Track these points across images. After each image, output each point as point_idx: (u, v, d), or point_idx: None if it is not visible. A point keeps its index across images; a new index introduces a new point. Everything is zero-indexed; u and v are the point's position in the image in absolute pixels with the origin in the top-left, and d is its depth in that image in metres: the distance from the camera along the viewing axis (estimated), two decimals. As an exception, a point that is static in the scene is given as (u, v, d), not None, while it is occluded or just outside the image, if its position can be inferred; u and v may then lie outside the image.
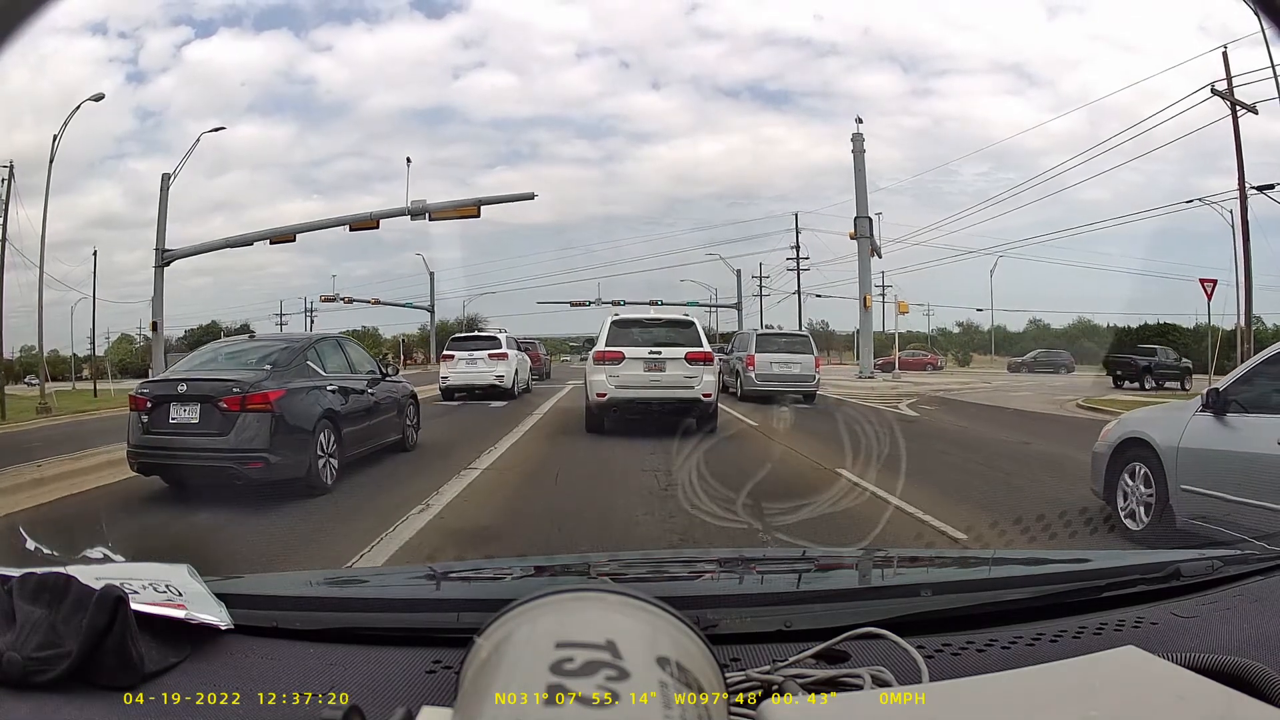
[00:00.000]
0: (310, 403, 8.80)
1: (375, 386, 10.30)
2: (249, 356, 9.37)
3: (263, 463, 8.06)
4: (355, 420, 9.46)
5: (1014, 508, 7.36)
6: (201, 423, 8.20)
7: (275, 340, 10.89)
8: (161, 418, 8.32)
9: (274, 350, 9.47)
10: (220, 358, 9.51)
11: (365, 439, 9.68)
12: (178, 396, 8.36)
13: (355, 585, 1.99)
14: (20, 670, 1.11)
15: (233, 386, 8.32)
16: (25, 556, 1.50)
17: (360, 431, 9.55)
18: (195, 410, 8.24)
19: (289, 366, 9.06)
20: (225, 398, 8.20)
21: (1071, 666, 0.99)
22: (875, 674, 1.13)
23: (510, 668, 0.77)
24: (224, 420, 8.16)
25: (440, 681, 1.24)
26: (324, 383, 9.27)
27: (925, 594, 1.63)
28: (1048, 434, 13.98)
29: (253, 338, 11.00)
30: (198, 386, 8.41)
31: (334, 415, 9.01)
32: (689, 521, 6.33)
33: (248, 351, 9.60)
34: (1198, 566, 1.70)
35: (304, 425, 8.52)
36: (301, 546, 6.40)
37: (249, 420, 8.14)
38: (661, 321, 13.50)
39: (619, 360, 12.67)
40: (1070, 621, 1.49)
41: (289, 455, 8.25)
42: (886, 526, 6.31)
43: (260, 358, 9.23)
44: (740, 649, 1.32)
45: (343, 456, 9.05)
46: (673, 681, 0.76)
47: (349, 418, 9.31)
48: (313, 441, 8.53)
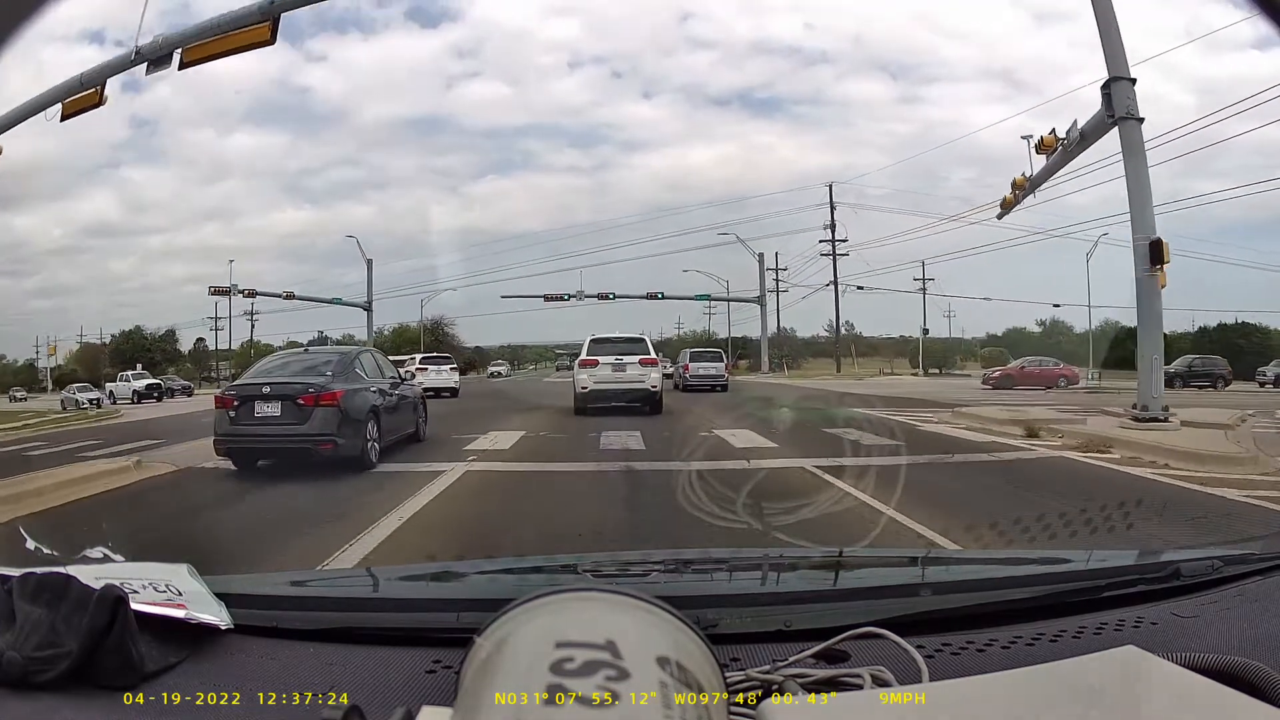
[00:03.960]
0: (361, 400, 11.35)
1: (397, 389, 12.71)
2: (311, 363, 12.07)
3: (332, 444, 10.62)
4: (389, 414, 11.88)
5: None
6: (283, 415, 10.82)
7: (329, 352, 14.37)
8: (248, 413, 10.90)
9: (331, 359, 12.32)
10: (289, 366, 12.16)
11: (395, 429, 12.12)
12: (261, 396, 10.97)
13: (355, 585, 1.99)
14: (20, 670, 1.11)
15: (308, 387, 10.94)
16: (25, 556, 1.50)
17: (392, 423, 12.00)
18: (278, 406, 10.87)
19: (344, 372, 11.68)
20: (303, 396, 10.85)
21: (1071, 666, 0.99)
22: (875, 674, 1.13)
23: (510, 667, 0.77)
24: (301, 413, 10.78)
25: (440, 681, 1.24)
26: (368, 385, 11.82)
27: (925, 594, 1.63)
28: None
29: (307, 351, 14.06)
30: (278, 388, 11.06)
31: (376, 410, 11.49)
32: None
33: (308, 360, 12.36)
34: (1198, 566, 1.69)
35: (359, 417, 11.10)
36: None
37: (322, 413, 10.75)
38: (624, 339, 19.17)
39: (595, 365, 18.32)
40: (1070, 621, 1.49)
41: (350, 439, 10.82)
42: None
43: (322, 364, 11.92)
44: (740, 649, 1.32)
45: (381, 442, 11.41)
46: (673, 681, 0.76)
47: (385, 412, 11.72)
48: (365, 429, 11.11)
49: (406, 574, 2.20)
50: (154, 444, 13.81)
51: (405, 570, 2.36)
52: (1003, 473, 10.08)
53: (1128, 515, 6.72)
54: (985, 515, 7.36)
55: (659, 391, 18.35)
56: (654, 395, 18.13)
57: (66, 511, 8.61)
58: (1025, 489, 8.90)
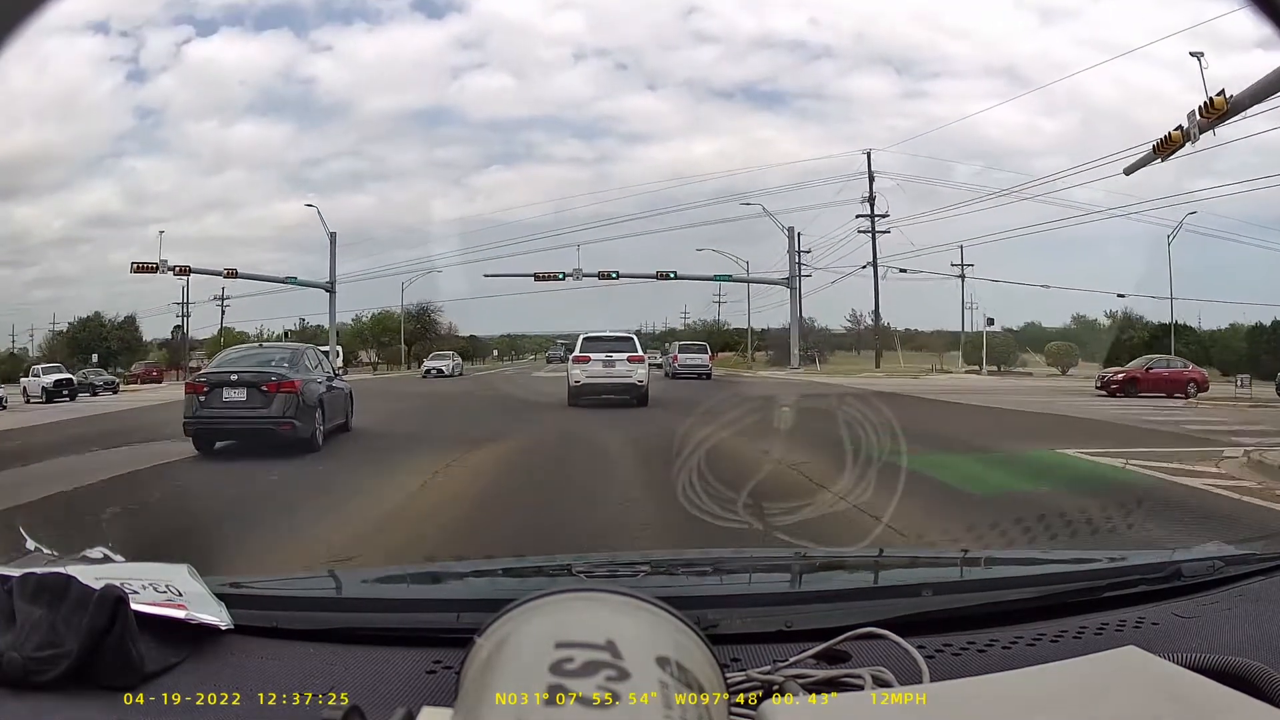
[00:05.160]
0: (313, 389, 12.78)
1: (333, 382, 14.12)
2: (269, 357, 13.54)
3: (291, 426, 11.98)
4: (330, 404, 13.28)
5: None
6: (248, 400, 12.18)
7: (280, 347, 16.06)
8: (216, 398, 12.25)
9: (284, 353, 13.82)
10: (248, 358, 13.70)
11: (333, 418, 13.49)
12: (229, 383, 12.32)
13: (355, 585, 1.99)
14: (20, 670, 1.11)
15: (272, 376, 12.37)
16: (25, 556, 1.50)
17: (332, 412, 13.40)
18: (244, 392, 12.21)
19: (296, 364, 13.06)
20: (267, 383, 12.22)
21: (1072, 667, 0.99)
22: (876, 674, 1.12)
23: (510, 668, 0.77)
24: (265, 398, 12.16)
25: (441, 682, 1.24)
26: (315, 377, 13.22)
27: (926, 594, 1.62)
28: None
29: (261, 346, 16.07)
30: (244, 376, 12.45)
31: (321, 399, 12.92)
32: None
33: (265, 354, 14.06)
34: (1199, 567, 1.69)
35: (312, 404, 12.56)
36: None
37: (282, 399, 12.14)
38: (614, 338, 20.43)
39: (587, 361, 19.58)
40: (1071, 621, 1.49)
41: (305, 423, 12.23)
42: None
43: (278, 357, 13.40)
44: (741, 649, 1.32)
45: (324, 428, 12.82)
46: (673, 682, 0.76)
47: (327, 402, 13.15)
48: (315, 415, 12.52)
49: (406, 574, 2.20)
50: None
51: (405, 570, 2.36)
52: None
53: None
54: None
55: (645, 386, 19.73)
56: (640, 389, 19.55)
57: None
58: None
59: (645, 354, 20.99)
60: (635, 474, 9.71)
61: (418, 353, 34.38)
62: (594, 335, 20.73)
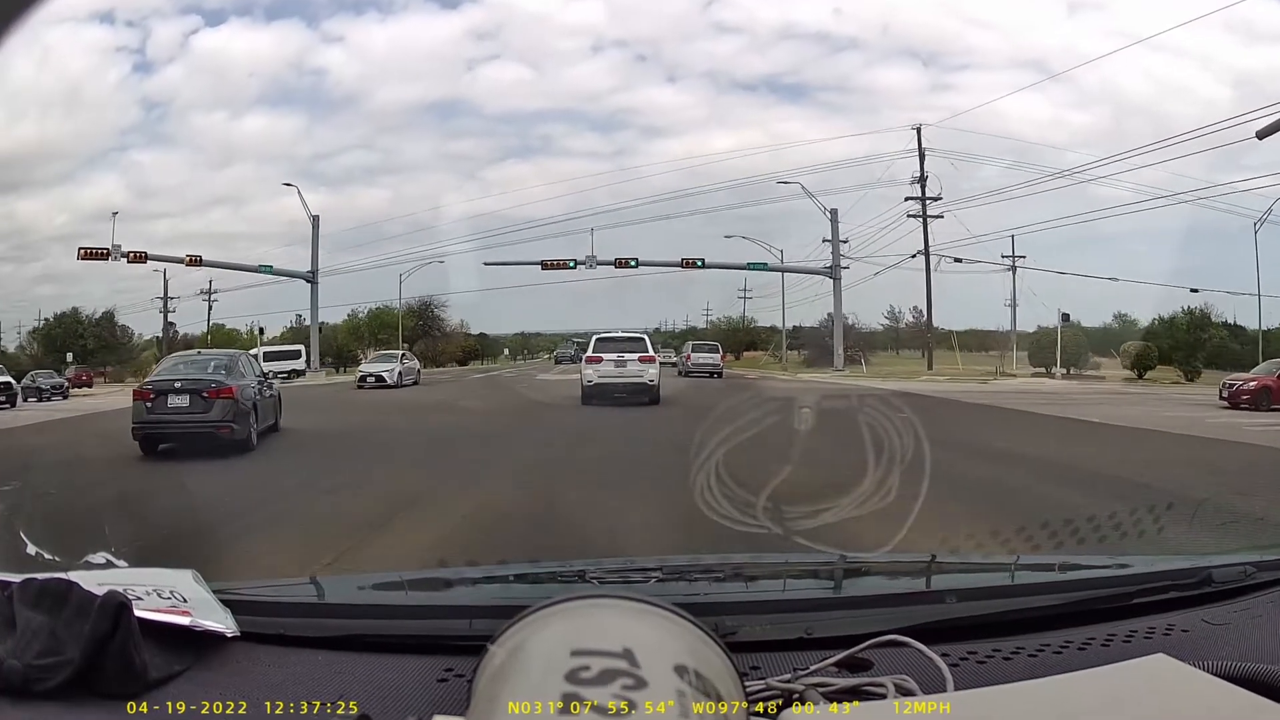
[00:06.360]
0: (248, 394, 13.80)
1: (263, 386, 15.09)
2: (207, 364, 14.58)
3: (229, 429, 12.89)
4: (262, 407, 14.29)
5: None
6: (190, 406, 13.07)
7: (217, 354, 16.88)
8: (162, 404, 13.11)
9: (221, 360, 14.94)
10: (186, 364, 14.72)
11: (265, 419, 14.52)
12: (174, 390, 13.20)
13: (364, 591, 1.98)
14: (21, 678, 1.09)
15: (211, 383, 13.34)
16: (26, 562, 1.48)
17: (264, 415, 14.41)
18: (186, 398, 13.11)
19: (232, 371, 14.19)
20: (207, 390, 13.17)
21: (1100, 675, 0.98)
22: (899, 683, 1.11)
23: (524, 676, 0.76)
24: (206, 404, 13.07)
25: (452, 690, 1.23)
26: (249, 382, 14.23)
27: (950, 600, 1.61)
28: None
29: (200, 354, 16.88)
30: (187, 383, 13.42)
31: (256, 402, 13.92)
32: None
33: (204, 361, 15.02)
34: (1230, 572, 1.67)
35: (247, 408, 13.49)
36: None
37: (221, 404, 13.09)
38: (625, 338, 20.90)
39: (599, 361, 20.07)
40: (1099, 629, 1.47)
41: (242, 425, 13.16)
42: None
43: (215, 364, 14.49)
44: (760, 657, 1.30)
45: (258, 429, 13.79)
46: (691, 690, 0.75)
47: (260, 405, 14.16)
48: (250, 417, 13.47)
49: (417, 579, 2.18)
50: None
51: (416, 575, 2.34)
52: None
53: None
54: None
55: (657, 385, 20.19)
56: (652, 388, 20.01)
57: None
58: None
59: (657, 354, 21.63)
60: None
61: (421, 351, 32.07)
62: (606, 335, 21.34)
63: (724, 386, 24.08)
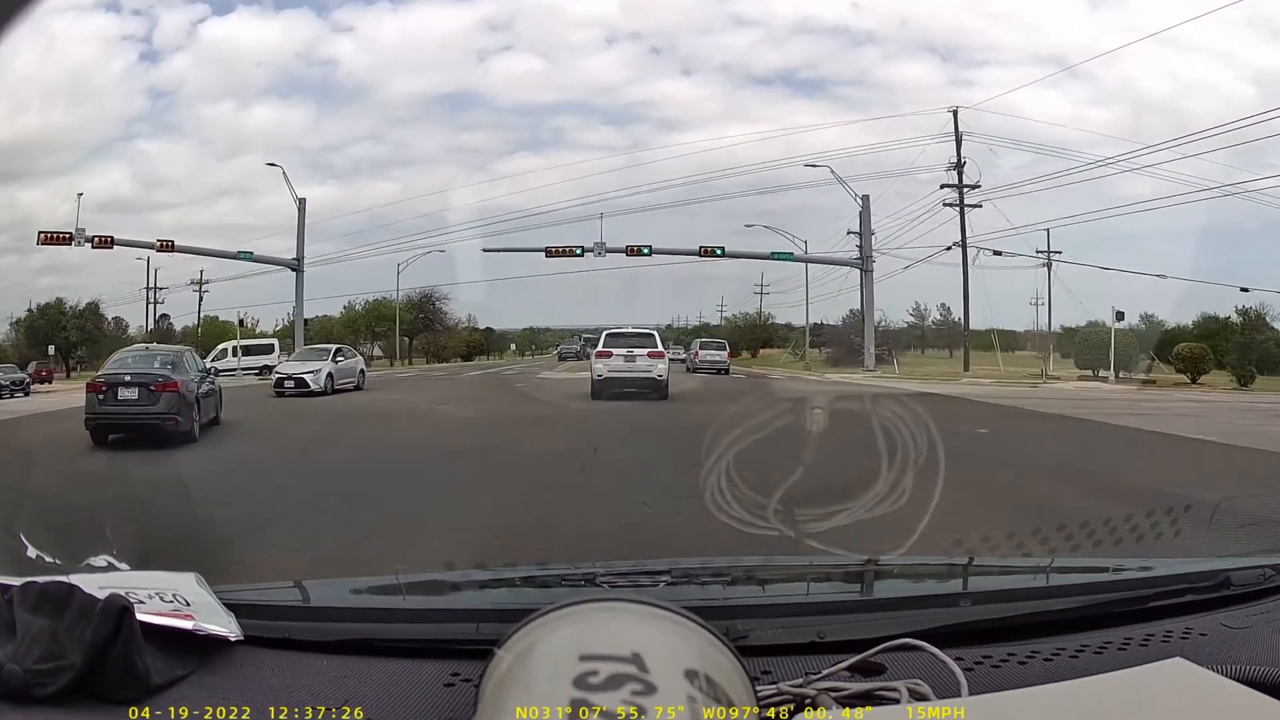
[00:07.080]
0: (192, 388, 14.63)
1: (206, 381, 15.74)
2: (154, 359, 15.44)
3: (175, 421, 13.83)
4: (205, 400, 15.08)
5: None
6: (140, 398, 13.98)
7: (164, 349, 17.51)
8: (113, 396, 14.04)
9: (168, 356, 15.76)
10: (134, 359, 15.57)
11: (207, 412, 15.24)
12: (124, 383, 14.09)
13: (369, 595, 1.97)
14: (21, 683, 1.09)
15: (159, 377, 14.20)
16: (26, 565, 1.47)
17: (206, 408, 15.12)
18: (135, 391, 14.01)
19: (178, 365, 14.99)
20: (155, 383, 14.08)
21: (1117, 680, 0.98)
22: (912, 687, 1.10)
23: (532, 681, 0.76)
24: (154, 397, 13.97)
25: (459, 695, 1.21)
26: (194, 377, 15.02)
27: (964, 603, 1.60)
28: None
29: (148, 349, 17.68)
30: (137, 377, 14.27)
31: (199, 396, 14.74)
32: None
33: (151, 356, 15.91)
34: (1249, 575, 1.66)
35: (191, 401, 14.37)
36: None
37: (168, 397, 14.00)
38: (635, 333, 21.32)
39: (609, 356, 20.50)
40: (1116, 632, 1.46)
41: (187, 417, 14.08)
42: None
43: (162, 359, 15.36)
44: (771, 661, 1.29)
45: (200, 421, 14.61)
46: (701, 696, 0.75)
47: (203, 399, 14.94)
48: (194, 410, 14.33)
49: (423, 582, 2.17)
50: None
51: (422, 579, 2.33)
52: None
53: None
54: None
55: (665, 380, 20.62)
56: (660, 383, 20.43)
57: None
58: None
59: (666, 349, 22.11)
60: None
61: (422, 345, 32.21)
62: (616, 331, 21.74)
63: (746, 388, 22.63)
